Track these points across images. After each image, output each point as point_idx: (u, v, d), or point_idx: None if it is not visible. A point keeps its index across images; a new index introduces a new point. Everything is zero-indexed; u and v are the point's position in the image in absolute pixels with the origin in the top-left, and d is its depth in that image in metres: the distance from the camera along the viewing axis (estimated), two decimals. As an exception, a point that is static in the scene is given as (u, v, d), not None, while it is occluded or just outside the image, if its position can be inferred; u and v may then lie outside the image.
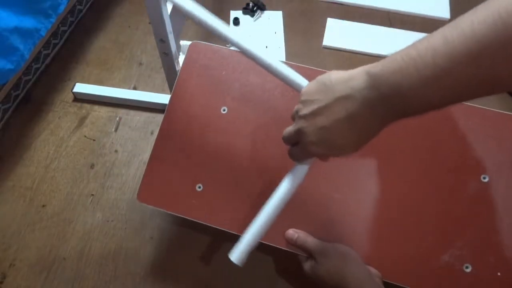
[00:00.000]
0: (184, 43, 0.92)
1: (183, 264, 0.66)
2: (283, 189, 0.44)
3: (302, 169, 0.44)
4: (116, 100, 0.85)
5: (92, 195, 0.73)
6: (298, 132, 0.39)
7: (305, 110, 0.38)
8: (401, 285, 0.49)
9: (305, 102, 0.39)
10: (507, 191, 0.50)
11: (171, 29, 0.65)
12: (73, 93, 0.85)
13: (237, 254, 0.44)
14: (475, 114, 0.53)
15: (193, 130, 0.58)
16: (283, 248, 0.53)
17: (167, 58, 0.70)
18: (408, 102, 0.32)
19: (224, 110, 0.58)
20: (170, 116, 0.59)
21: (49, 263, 0.66)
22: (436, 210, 0.51)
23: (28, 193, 0.73)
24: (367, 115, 0.34)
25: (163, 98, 0.84)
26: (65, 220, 0.70)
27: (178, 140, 0.58)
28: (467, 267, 0.49)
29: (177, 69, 0.73)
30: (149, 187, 0.57)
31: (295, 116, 0.41)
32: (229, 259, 0.43)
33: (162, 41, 0.66)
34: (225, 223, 0.54)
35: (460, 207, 0.50)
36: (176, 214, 0.56)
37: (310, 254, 0.51)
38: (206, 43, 0.63)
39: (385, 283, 0.49)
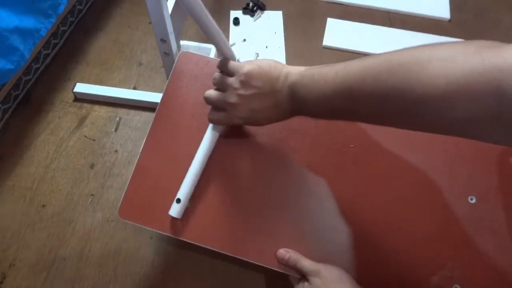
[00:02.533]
0: (184, 43, 0.92)
1: (183, 264, 0.66)
2: (204, 147, 0.52)
3: (216, 132, 0.54)
4: (116, 100, 0.85)
5: (92, 195, 0.73)
6: (229, 105, 0.47)
7: (243, 91, 0.46)
8: None
9: (244, 83, 0.46)
10: (494, 212, 0.51)
11: (172, 29, 0.65)
12: (74, 93, 0.85)
13: (175, 209, 0.50)
14: (463, 140, 0.54)
15: (180, 142, 0.56)
16: (274, 269, 0.52)
17: (168, 58, 0.70)
18: (308, 109, 0.44)
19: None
20: (157, 127, 0.57)
21: (49, 263, 0.66)
22: (426, 232, 0.51)
23: (28, 193, 0.73)
24: (286, 106, 0.45)
25: None
26: (65, 220, 0.70)
27: (164, 153, 0.56)
28: None
29: None
30: (131, 203, 0.54)
31: (226, 87, 0.47)
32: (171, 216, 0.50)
33: (163, 41, 0.66)
34: (210, 242, 0.52)
35: (449, 228, 0.51)
36: (159, 232, 0.53)
37: (303, 275, 0.50)
38: (196, 53, 0.62)
39: None
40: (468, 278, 0.49)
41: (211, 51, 0.89)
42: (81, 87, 0.85)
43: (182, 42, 0.92)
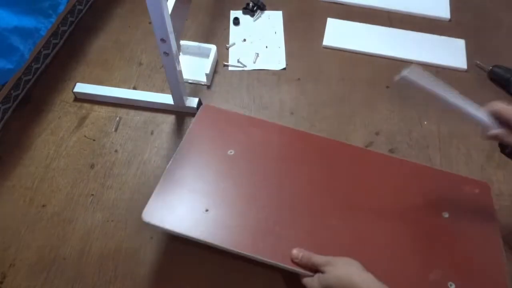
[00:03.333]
0: (184, 43, 0.92)
1: (183, 264, 0.66)
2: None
3: None
4: (116, 100, 0.85)
5: (92, 195, 0.73)
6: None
7: None
8: None
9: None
10: (465, 224, 0.64)
11: (172, 29, 0.66)
12: (74, 93, 0.85)
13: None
14: (435, 174, 0.70)
15: (202, 163, 0.68)
16: (287, 267, 0.58)
17: (168, 58, 0.70)
18: None
19: (231, 152, 0.69)
20: (182, 152, 0.69)
21: (49, 263, 0.66)
22: (417, 243, 0.62)
23: (28, 193, 0.73)
24: None
25: (163, 98, 0.84)
26: (65, 220, 0.70)
27: (188, 171, 0.67)
28: (451, 285, 0.57)
29: (177, 69, 0.73)
30: (155, 207, 0.62)
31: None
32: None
33: (163, 41, 0.66)
34: (229, 244, 0.59)
35: (434, 237, 0.62)
36: (181, 235, 0.60)
37: (316, 270, 0.55)
38: (217, 107, 0.78)
39: None
40: (459, 276, 0.58)
41: (211, 51, 0.90)
42: (81, 87, 0.85)
43: (182, 42, 0.92)
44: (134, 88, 0.88)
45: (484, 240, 0.63)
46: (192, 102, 0.83)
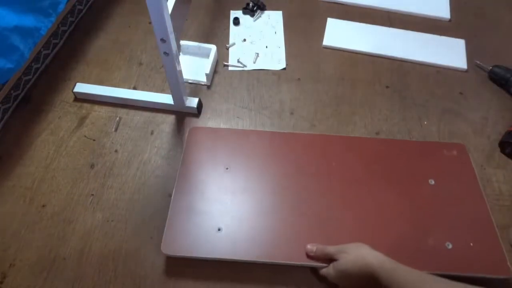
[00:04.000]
0: (184, 43, 0.92)
1: (184, 264, 0.66)
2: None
3: None
4: (116, 100, 0.85)
5: (92, 195, 0.73)
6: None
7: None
8: None
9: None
10: (450, 189, 0.70)
11: (172, 28, 0.65)
12: (74, 93, 0.85)
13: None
14: (415, 146, 0.77)
15: (203, 185, 0.71)
16: (304, 264, 0.63)
17: (168, 58, 0.70)
18: None
19: (227, 168, 0.73)
20: (182, 178, 0.72)
21: (49, 263, 0.66)
22: (412, 211, 0.68)
23: (28, 193, 0.73)
24: None
25: (163, 98, 0.84)
26: (65, 220, 0.70)
27: (192, 195, 0.70)
28: (448, 245, 0.64)
29: (177, 69, 0.73)
30: (171, 238, 0.65)
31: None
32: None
33: (163, 41, 0.66)
34: (246, 255, 0.64)
35: (425, 204, 0.69)
36: (201, 258, 0.64)
37: (330, 259, 0.60)
38: (204, 126, 0.81)
39: None
40: (455, 236, 0.65)
41: (211, 51, 0.90)
42: (81, 87, 0.85)
43: (182, 42, 0.92)
44: (134, 88, 0.88)
45: (469, 197, 0.69)
46: (192, 102, 0.83)
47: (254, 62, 0.93)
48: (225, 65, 0.92)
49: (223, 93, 0.88)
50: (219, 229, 0.66)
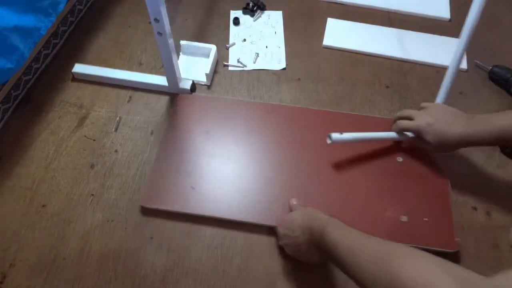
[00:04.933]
0: (184, 43, 0.92)
1: (184, 264, 0.66)
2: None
3: None
4: (113, 80, 0.88)
5: (92, 195, 0.73)
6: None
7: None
8: None
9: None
10: (415, 167, 0.75)
11: (165, 8, 0.67)
12: (72, 73, 0.88)
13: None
14: (388, 122, 0.79)
15: (184, 146, 0.77)
16: (266, 224, 0.68)
17: (162, 38, 0.72)
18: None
19: (207, 133, 0.79)
20: (166, 141, 0.78)
21: (49, 263, 0.66)
22: (374, 184, 0.73)
23: (28, 193, 0.73)
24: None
25: (158, 80, 0.87)
26: (65, 220, 0.70)
27: (173, 156, 0.76)
28: (403, 218, 0.68)
29: (171, 49, 0.75)
30: (149, 193, 0.71)
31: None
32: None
33: (157, 21, 0.68)
34: (214, 212, 0.69)
35: (388, 179, 0.73)
36: (174, 211, 0.70)
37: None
38: (190, 95, 0.85)
39: None
40: (410, 210, 0.69)
41: (211, 51, 0.90)
42: (80, 68, 0.88)
43: (182, 42, 0.92)
44: (134, 88, 0.88)
45: (433, 175, 0.73)
46: (186, 83, 0.85)
47: (254, 62, 0.93)
48: (225, 65, 0.92)
49: (223, 93, 0.88)
50: (192, 187, 0.72)
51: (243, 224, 0.69)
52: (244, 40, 0.97)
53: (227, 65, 0.92)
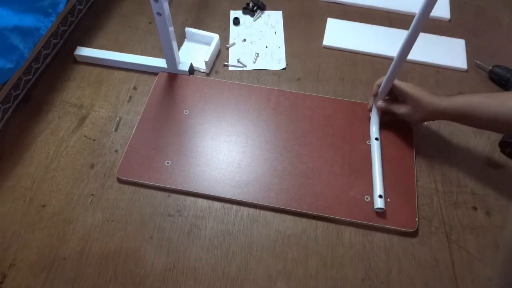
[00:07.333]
0: (189, 29, 0.95)
1: (184, 264, 0.66)
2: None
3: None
4: (114, 62, 0.90)
5: (92, 195, 0.73)
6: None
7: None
8: (326, 215, 0.70)
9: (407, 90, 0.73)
10: (385, 150, 0.77)
11: None
12: (75, 55, 0.90)
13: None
14: (361, 106, 0.84)
15: (162, 124, 0.80)
16: (234, 199, 0.72)
17: (161, 18, 0.73)
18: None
19: (186, 112, 0.82)
20: (144, 117, 0.82)
21: (49, 263, 0.66)
22: (342, 165, 0.76)
23: (28, 193, 0.73)
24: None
25: (157, 62, 0.89)
26: (65, 220, 0.70)
27: (151, 132, 0.79)
28: (367, 198, 0.71)
29: (170, 29, 0.77)
30: (126, 166, 0.75)
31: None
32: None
33: (156, 1, 0.70)
34: (187, 187, 0.73)
35: (356, 161, 0.76)
36: (149, 185, 0.73)
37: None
38: (171, 72, 0.88)
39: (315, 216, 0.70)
40: (370, 191, 0.72)
41: (213, 39, 0.90)
42: (82, 51, 0.91)
43: (187, 29, 0.95)
44: (134, 88, 0.88)
45: (401, 158, 0.76)
46: (185, 66, 0.87)
47: (254, 62, 0.93)
48: (225, 65, 0.92)
49: (223, 93, 0.88)
50: (167, 163, 0.75)
51: (243, 224, 0.69)
52: (244, 40, 0.97)
53: (227, 65, 0.92)
